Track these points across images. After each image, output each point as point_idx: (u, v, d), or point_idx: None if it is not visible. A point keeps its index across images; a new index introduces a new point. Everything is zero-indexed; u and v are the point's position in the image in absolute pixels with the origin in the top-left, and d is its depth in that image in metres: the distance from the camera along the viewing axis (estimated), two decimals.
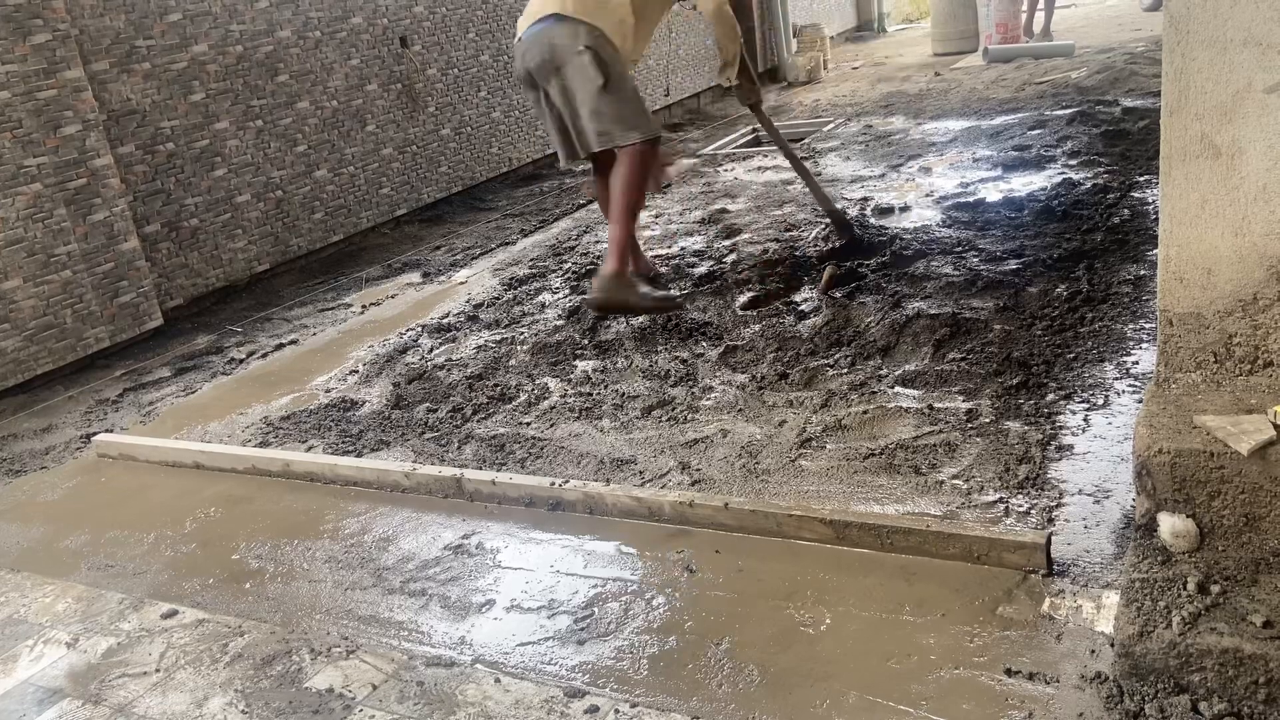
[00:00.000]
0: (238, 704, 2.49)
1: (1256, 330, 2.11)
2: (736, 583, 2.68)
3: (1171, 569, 2.07)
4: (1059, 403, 3.30)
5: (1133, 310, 3.89)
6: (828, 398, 3.58)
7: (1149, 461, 2.06)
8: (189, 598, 3.02)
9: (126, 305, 5.39)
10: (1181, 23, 2.00)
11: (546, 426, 3.73)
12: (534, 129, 8.86)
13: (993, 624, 2.36)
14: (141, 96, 5.62)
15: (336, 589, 2.95)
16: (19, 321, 4.91)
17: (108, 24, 5.44)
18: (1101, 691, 2.08)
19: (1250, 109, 1.98)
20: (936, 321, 3.96)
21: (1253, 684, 1.91)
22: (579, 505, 3.13)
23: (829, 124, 8.89)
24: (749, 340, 4.20)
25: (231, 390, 4.70)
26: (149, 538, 3.42)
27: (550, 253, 6.13)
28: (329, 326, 5.45)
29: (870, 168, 7.03)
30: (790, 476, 3.14)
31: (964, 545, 2.58)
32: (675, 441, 3.47)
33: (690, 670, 2.38)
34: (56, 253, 5.05)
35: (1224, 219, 2.06)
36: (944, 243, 4.98)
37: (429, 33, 7.69)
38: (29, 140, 4.92)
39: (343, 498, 3.48)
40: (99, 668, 2.73)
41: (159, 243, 5.73)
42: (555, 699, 2.34)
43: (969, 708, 2.13)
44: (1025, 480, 2.90)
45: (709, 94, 11.71)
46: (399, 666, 2.54)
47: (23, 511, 3.78)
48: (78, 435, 4.40)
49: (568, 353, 4.36)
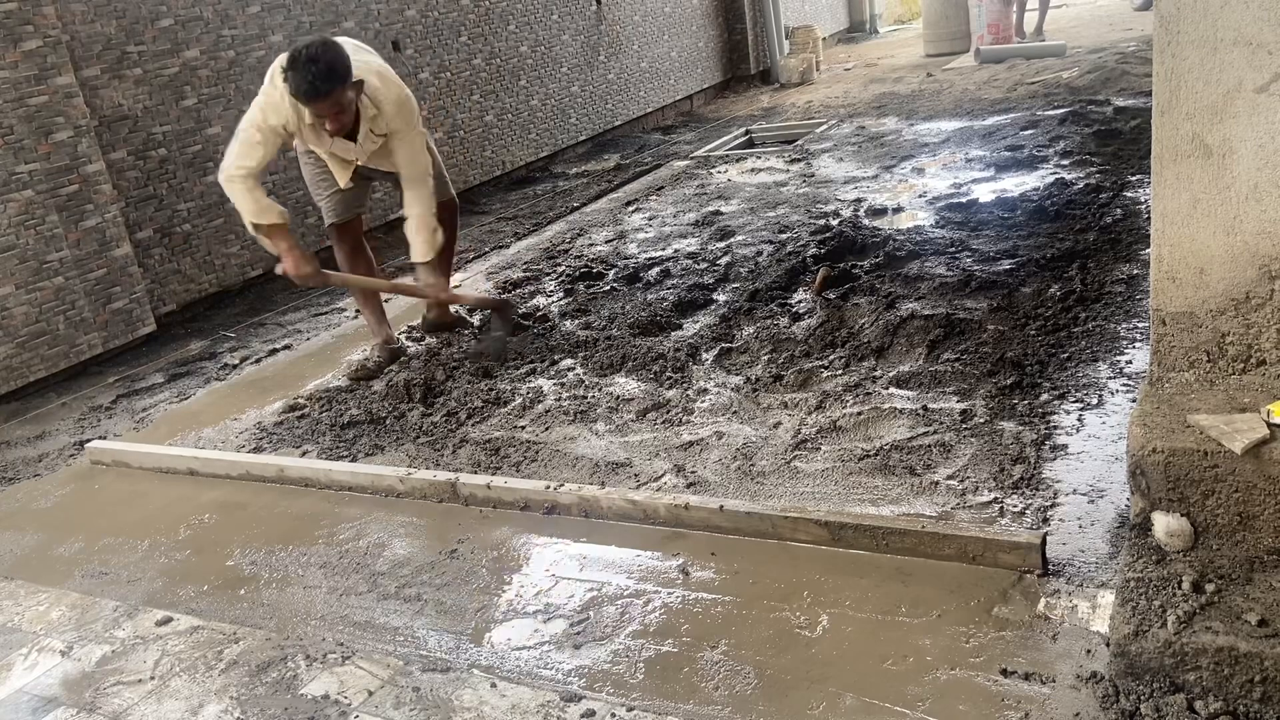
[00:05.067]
0: (233, 711, 2.48)
1: (1249, 329, 2.11)
2: (732, 585, 2.68)
3: (1166, 568, 2.07)
4: (1053, 403, 3.31)
5: (1126, 309, 3.90)
6: (822, 399, 3.58)
7: (1143, 461, 2.06)
8: (183, 605, 3.01)
9: (119, 311, 5.37)
10: (1172, 23, 2.00)
11: (541, 430, 3.73)
12: (527, 132, 8.87)
13: (988, 624, 2.36)
14: (133, 102, 5.61)
15: (331, 595, 2.94)
16: (11, 329, 4.89)
17: (99, 30, 5.43)
18: (1097, 691, 2.08)
19: (1241, 108, 1.99)
20: (930, 322, 3.96)
21: (1248, 682, 1.91)
22: (574, 509, 3.13)
23: (822, 125, 8.90)
24: (744, 342, 4.20)
25: (225, 396, 4.69)
26: (143, 545, 3.41)
27: (544, 256, 6.13)
28: (323, 331, 5.44)
29: (863, 169, 7.04)
30: (785, 478, 3.14)
31: (959, 546, 2.58)
32: (670, 444, 3.47)
33: (686, 673, 2.38)
34: (48, 259, 5.04)
35: (1216, 218, 2.07)
36: (937, 243, 4.99)
37: (421, 37, 7.69)
38: (20, 147, 4.90)
39: (337, 503, 3.47)
40: (93, 676, 2.72)
41: (151, 248, 5.71)
42: (552, 703, 2.34)
43: (965, 708, 2.13)
44: (1020, 480, 2.90)
45: (701, 96, 11.72)
46: (394, 672, 2.54)
47: (16, 519, 3.77)
48: (71, 442, 4.39)
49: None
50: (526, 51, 8.86)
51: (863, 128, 8.49)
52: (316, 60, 3.74)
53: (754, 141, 9.28)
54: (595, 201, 7.45)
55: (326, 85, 3.78)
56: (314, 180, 4.50)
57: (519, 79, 8.77)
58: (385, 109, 4.07)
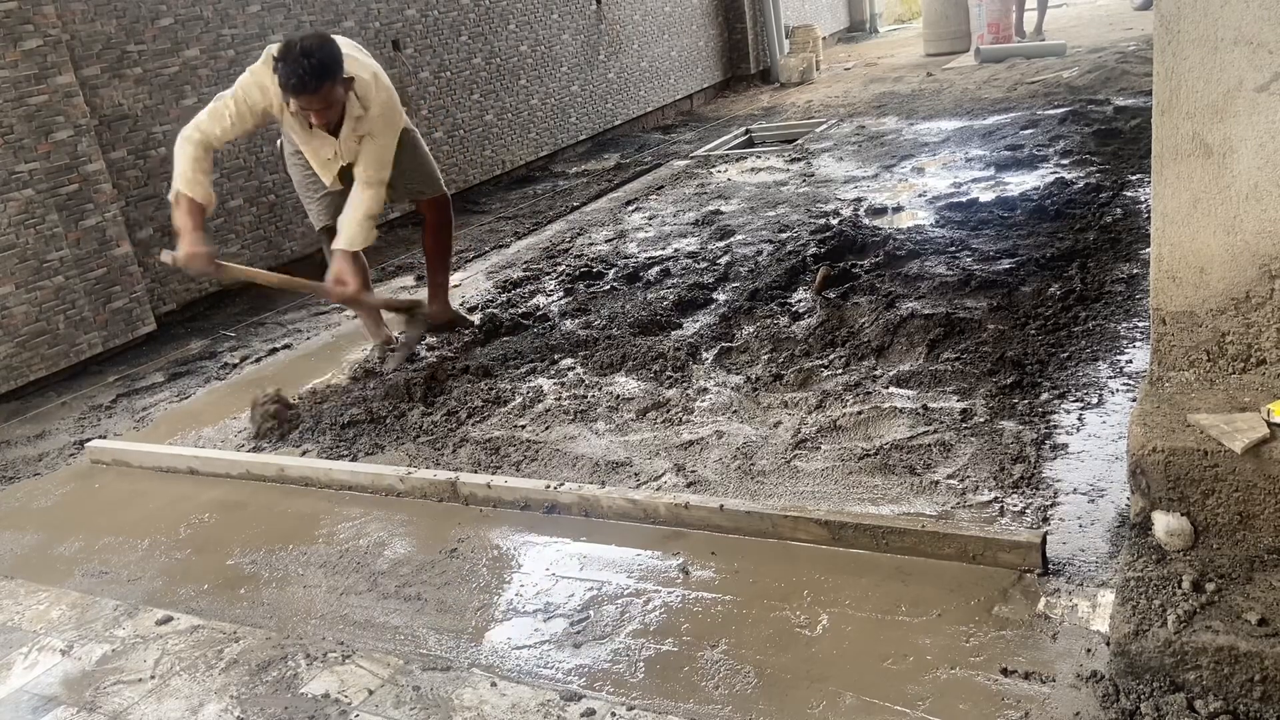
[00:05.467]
0: (233, 710, 2.48)
1: (1249, 328, 2.11)
2: (732, 584, 2.68)
3: (1166, 567, 2.07)
4: (1053, 402, 3.31)
5: (1126, 309, 3.90)
6: (822, 398, 3.58)
7: (1143, 460, 2.06)
8: (184, 604, 3.01)
9: (119, 311, 5.37)
10: (1172, 22, 2.00)
11: (541, 429, 3.73)
12: (527, 132, 8.87)
13: (988, 624, 2.36)
14: (133, 101, 5.61)
15: (331, 594, 2.94)
16: (11, 328, 4.89)
17: (99, 29, 5.43)
18: (1097, 690, 2.08)
19: (1241, 108, 1.99)
20: (930, 321, 3.96)
21: (1248, 682, 1.91)
22: (574, 508, 3.13)
23: (822, 125, 8.90)
24: (744, 341, 4.20)
25: (225, 395, 4.69)
26: (143, 544, 3.41)
27: (544, 255, 6.13)
28: (322, 331, 5.44)
29: (863, 168, 7.04)
30: (785, 478, 3.14)
31: (959, 545, 2.58)
32: (670, 443, 3.47)
33: (687, 673, 2.38)
34: (48, 259, 5.04)
35: (1216, 218, 2.07)
36: (937, 242, 4.99)
37: (421, 36, 7.69)
38: (20, 146, 4.90)
39: (337, 502, 3.47)
40: (94, 675, 2.72)
41: (152, 247, 5.70)
42: (552, 702, 2.34)
43: (965, 708, 2.13)
44: (1020, 480, 2.90)
45: (701, 95, 11.72)
46: (395, 671, 2.54)
47: (16, 518, 3.77)
48: (71, 441, 4.39)
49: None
50: (526, 51, 8.86)
51: (863, 127, 8.49)
52: (310, 55, 3.75)
53: (754, 141, 9.28)
54: (595, 201, 7.46)
55: (316, 82, 3.79)
56: (302, 184, 4.50)
57: (519, 78, 8.77)
58: (371, 110, 4.06)
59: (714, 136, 9.33)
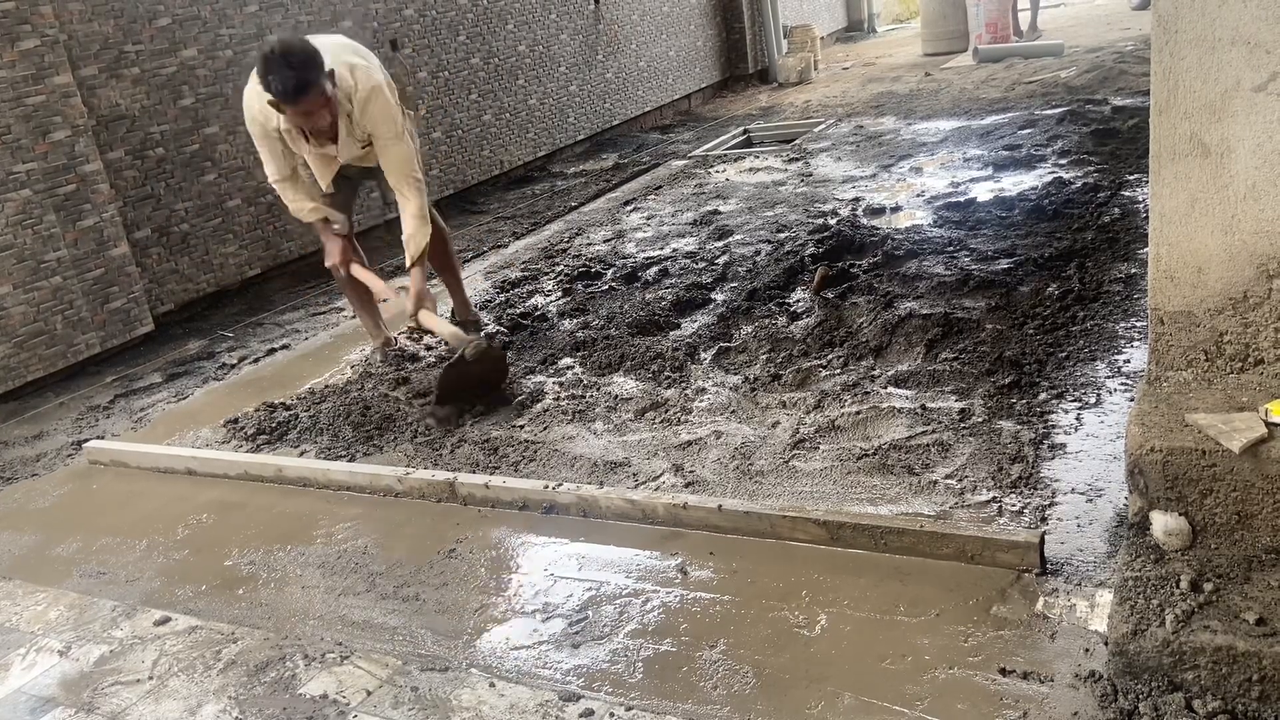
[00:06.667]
0: (231, 711, 2.48)
1: (1247, 328, 2.11)
2: (731, 585, 2.68)
3: (1164, 567, 2.07)
4: (1051, 402, 3.31)
5: (1124, 309, 3.90)
6: (821, 398, 3.58)
7: (1141, 460, 2.06)
8: (182, 605, 3.00)
9: (117, 311, 5.37)
10: (1170, 22, 2.00)
11: (540, 429, 3.73)
12: (525, 132, 8.86)
13: (987, 624, 2.36)
14: (131, 101, 5.60)
15: (330, 595, 2.94)
16: (9, 328, 4.88)
17: (96, 29, 5.42)
18: (1096, 690, 2.08)
19: (1239, 107, 1.99)
20: (929, 321, 3.96)
21: (1246, 681, 1.92)
22: (573, 508, 3.13)
23: (820, 125, 8.90)
24: (742, 341, 4.20)
25: (223, 395, 4.68)
26: (141, 545, 3.40)
27: (542, 255, 6.13)
28: (321, 331, 5.43)
29: (861, 168, 7.04)
30: (784, 478, 3.14)
31: (957, 545, 2.58)
32: (669, 444, 3.47)
33: (685, 673, 2.38)
34: (46, 259, 5.03)
35: (1213, 217, 2.07)
36: (935, 242, 4.99)
37: (419, 36, 7.68)
38: (17, 146, 4.90)
39: (336, 503, 3.47)
40: (92, 676, 2.72)
41: (149, 248, 5.70)
42: (550, 703, 2.34)
43: (964, 708, 2.13)
44: (1018, 479, 2.90)
45: (699, 95, 11.71)
46: (393, 672, 2.53)
47: (14, 519, 3.77)
48: (69, 442, 4.38)
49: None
50: (524, 51, 8.86)
51: (861, 127, 8.49)
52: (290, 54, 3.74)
53: (752, 141, 9.28)
54: (593, 201, 7.45)
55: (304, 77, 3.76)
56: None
57: (517, 78, 8.76)
58: (357, 102, 4.03)
59: (712, 136, 9.33)
